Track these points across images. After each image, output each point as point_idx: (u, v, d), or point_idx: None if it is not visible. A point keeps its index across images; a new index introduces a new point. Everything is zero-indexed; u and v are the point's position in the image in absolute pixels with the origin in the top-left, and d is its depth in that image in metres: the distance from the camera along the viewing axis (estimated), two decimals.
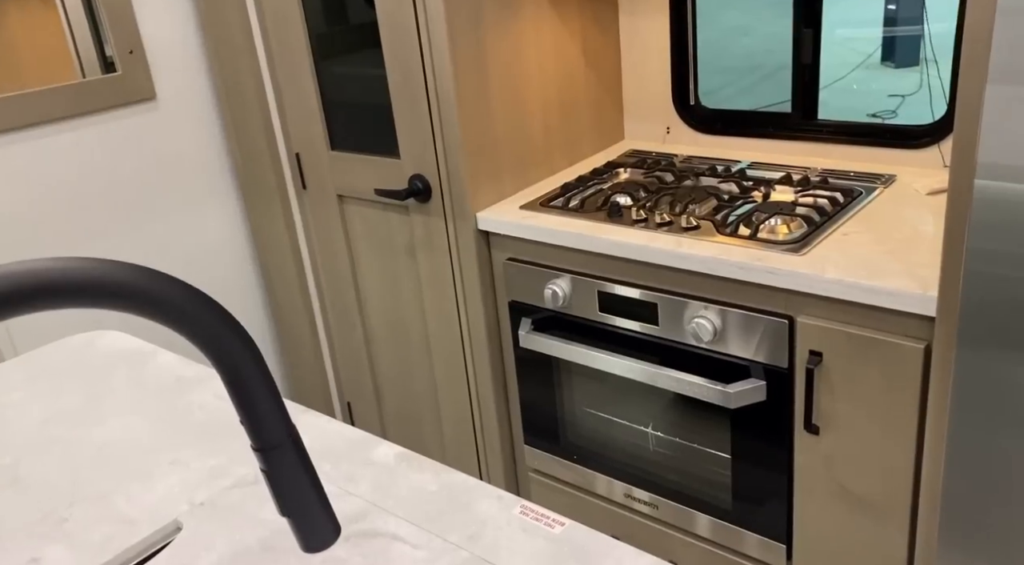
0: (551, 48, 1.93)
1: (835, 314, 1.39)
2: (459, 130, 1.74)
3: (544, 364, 1.88)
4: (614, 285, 1.66)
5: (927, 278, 1.31)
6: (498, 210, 1.83)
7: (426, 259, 1.94)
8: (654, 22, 2.06)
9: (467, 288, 1.90)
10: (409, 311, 2.08)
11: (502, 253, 1.85)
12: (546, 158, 1.98)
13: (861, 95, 5.57)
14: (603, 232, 1.65)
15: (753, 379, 1.52)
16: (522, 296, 1.83)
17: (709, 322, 1.52)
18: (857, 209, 1.61)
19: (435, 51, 1.70)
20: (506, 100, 1.84)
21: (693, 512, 1.74)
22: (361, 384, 2.31)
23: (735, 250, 1.50)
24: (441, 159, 1.80)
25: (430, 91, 1.75)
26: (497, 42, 1.79)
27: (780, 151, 1.97)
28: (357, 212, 2.06)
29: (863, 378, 1.38)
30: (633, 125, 2.20)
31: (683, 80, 2.07)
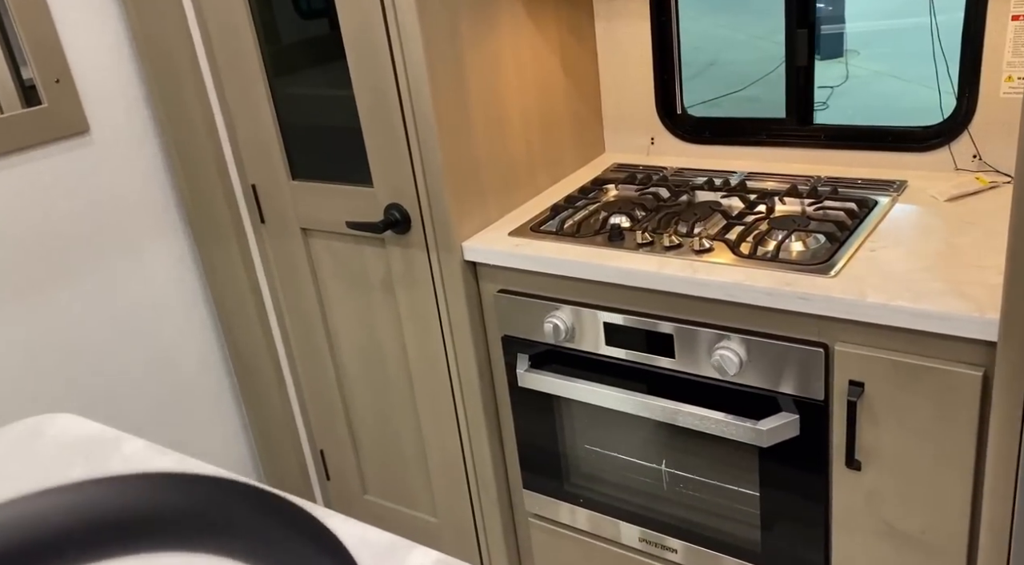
0: (529, 60, 1.78)
1: (877, 341, 1.28)
2: (440, 153, 1.58)
3: (544, 402, 1.72)
4: (622, 316, 1.52)
5: (979, 298, 1.20)
6: (486, 238, 1.67)
7: (406, 294, 1.77)
8: (633, 28, 1.93)
9: (454, 324, 1.74)
10: (387, 350, 1.90)
11: (492, 284, 1.69)
12: (529, 178, 1.84)
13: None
14: (607, 259, 1.51)
15: (785, 413, 1.40)
16: (517, 330, 1.68)
17: (734, 353, 1.39)
18: (876, 221, 1.51)
19: (410, 68, 1.53)
20: (487, 118, 1.68)
21: (718, 555, 1.61)
22: (335, 430, 2.12)
23: (759, 274, 1.37)
24: (421, 186, 1.63)
25: (406, 112, 1.58)
26: (475, 56, 1.63)
27: (775, 159, 1.86)
28: (325, 246, 1.87)
29: (911, 408, 1.27)
30: (614, 137, 2.07)
31: (667, 88, 1.94)
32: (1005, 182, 1.58)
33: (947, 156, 1.66)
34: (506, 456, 1.88)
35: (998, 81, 1.56)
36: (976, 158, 1.63)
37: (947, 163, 1.67)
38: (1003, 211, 1.47)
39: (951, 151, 1.65)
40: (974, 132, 1.62)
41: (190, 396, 2.13)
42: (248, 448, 2.29)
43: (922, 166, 1.70)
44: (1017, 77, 1.54)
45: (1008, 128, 1.58)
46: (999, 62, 1.55)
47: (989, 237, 1.38)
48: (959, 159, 1.65)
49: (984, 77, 1.57)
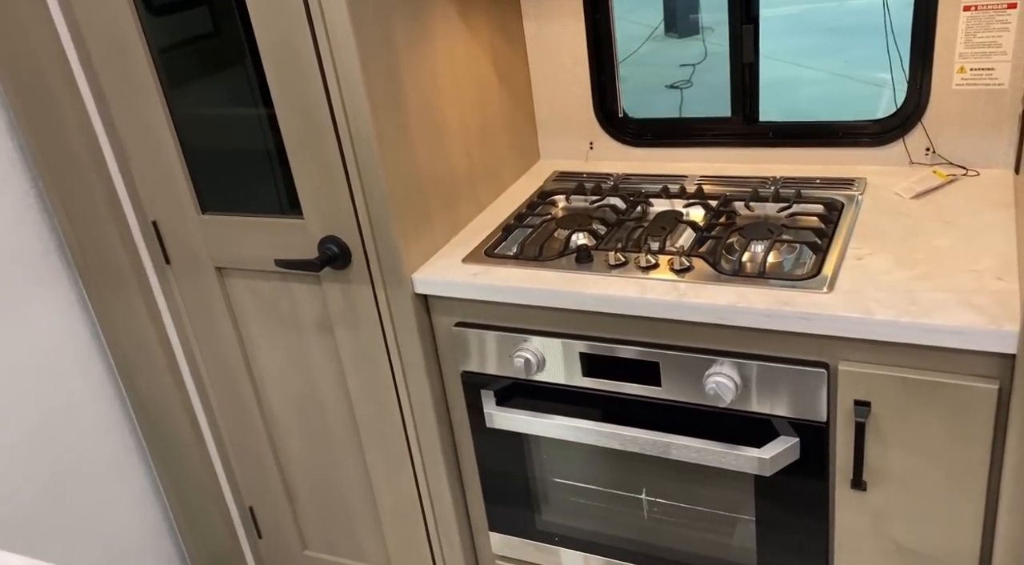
0: (464, 66, 1.62)
1: (884, 358, 1.21)
2: (383, 176, 1.40)
3: (512, 438, 1.58)
4: (601, 344, 1.39)
5: (987, 307, 1.15)
6: (438, 267, 1.51)
7: (348, 335, 1.58)
8: (565, 27, 1.80)
9: (407, 363, 1.56)
10: (326, 395, 1.71)
11: (447, 318, 1.53)
12: (471, 193, 1.68)
13: (656, 67, 5.70)
14: (582, 285, 1.38)
15: (784, 437, 1.32)
16: (477, 365, 1.53)
17: (729, 380, 1.30)
18: (849, 225, 1.45)
19: (345, 82, 1.34)
20: (427, 132, 1.51)
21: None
22: (266, 484, 1.90)
23: (752, 294, 1.28)
24: (362, 214, 1.45)
25: (341, 132, 1.39)
26: (411, 64, 1.46)
27: (722, 159, 1.79)
28: (245, 286, 1.65)
29: (921, 426, 1.21)
30: (549, 143, 1.94)
31: (606, 89, 1.83)
32: (962, 174, 1.56)
33: (901, 150, 1.63)
34: (467, 498, 1.73)
35: (950, 72, 1.54)
36: (930, 151, 1.61)
37: (901, 157, 1.63)
38: (973, 207, 1.44)
39: (906, 145, 1.62)
40: (927, 125, 1.59)
41: (88, 464, 1.86)
42: (163, 513, 2.04)
43: (875, 161, 1.66)
44: (970, 68, 1.52)
45: (961, 120, 1.56)
46: (951, 54, 1.52)
47: (969, 237, 1.35)
48: (915, 153, 1.62)
49: (936, 69, 1.54)
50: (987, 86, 1.52)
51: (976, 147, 1.57)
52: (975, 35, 1.49)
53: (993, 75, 1.51)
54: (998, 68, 1.50)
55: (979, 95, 1.53)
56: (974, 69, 1.52)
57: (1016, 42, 1.47)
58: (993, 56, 1.50)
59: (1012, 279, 1.21)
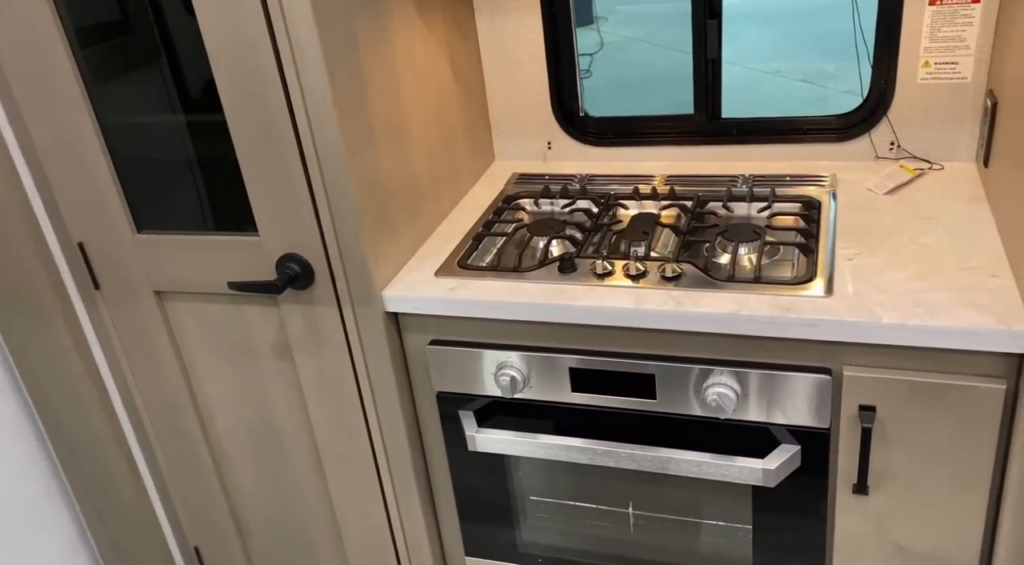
0: (423, 65, 1.51)
1: (890, 362, 1.19)
2: (352, 187, 1.28)
3: (492, 459, 1.50)
4: (592, 358, 1.32)
5: (991, 307, 1.14)
6: (410, 283, 1.40)
7: (309, 359, 1.46)
8: (520, 23, 1.71)
9: (377, 386, 1.45)
10: (284, 425, 1.57)
11: (420, 336, 1.43)
12: (434, 200, 1.58)
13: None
14: (569, 297, 1.30)
15: (785, 446, 1.29)
16: (455, 385, 1.43)
17: (730, 389, 1.25)
18: (830, 224, 1.43)
19: (308, 86, 1.22)
20: (391, 138, 1.40)
21: None
22: (214, 521, 1.75)
23: (752, 301, 1.23)
24: (328, 229, 1.32)
25: (303, 139, 1.26)
26: (375, 66, 1.34)
27: (685, 158, 1.74)
28: (189, 311, 1.50)
29: (927, 428, 1.20)
30: (505, 144, 1.85)
31: (565, 87, 1.75)
32: (927, 168, 1.57)
33: (866, 145, 1.63)
34: (441, 523, 1.63)
35: (915, 67, 1.54)
36: (894, 146, 1.61)
37: (866, 152, 1.63)
38: (946, 202, 1.44)
39: (872, 140, 1.62)
40: (892, 119, 1.59)
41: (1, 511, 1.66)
42: (91, 559, 1.85)
43: (841, 156, 1.65)
44: (934, 62, 1.52)
45: (925, 114, 1.56)
46: (916, 48, 1.52)
47: (952, 233, 1.34)
48: (880, 147, 1.62)
49: (902, 63, 1.54)
50: (950, 80, 1.53)
51: (939, 141, 1.58)
52: (939, 30, 1.50)
53: (957, 69, 1.52)
54: (961, 62, 1.51)
55: (942, 89, 1.54)
56: (938, 63, 1.52)
57: (979, 36, 1.48)
58: (957, 50, 1.50)
59: (1007, 276, 1.21)
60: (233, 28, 1.20)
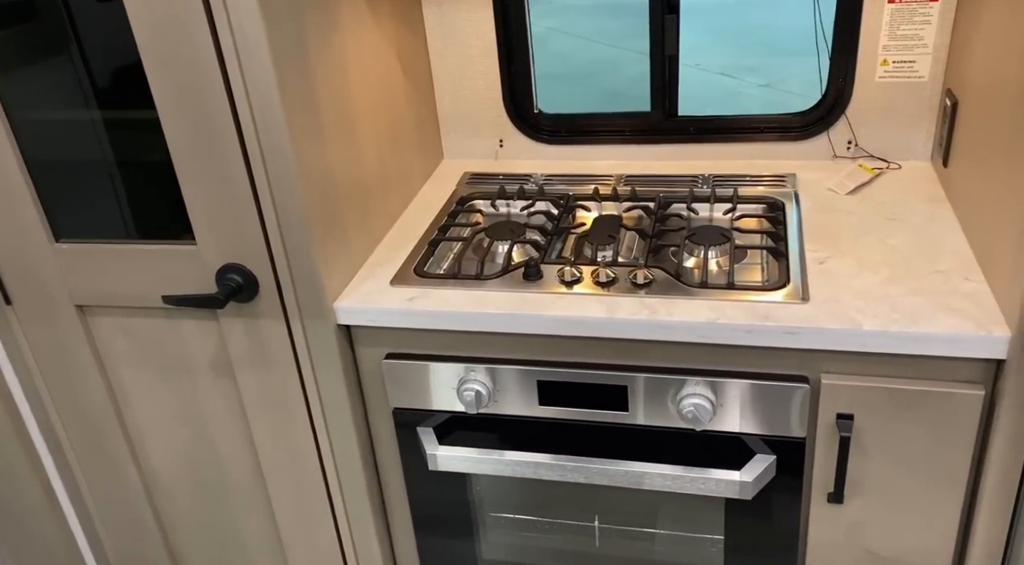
0: (371, 59, 1.41)
1: (869, 369, 1.16)
2: (300, 190, 1.18)
3: (452, 477, 1.42)
4: (560, 370, 1.26)
5: (970, 312, 1.13)
6: (364, 293, 1.30)
7: (253, 377, 1.35)
8: (470, 13, 1.63)
9: (327, 403, 1.35)
10: (224, 447, 1.46)
11: (375, 349, 1.33)
12: (384, 202, 1.48)
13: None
14: (537, 306, 1.23)
15: (761, 456, 1.25)
16: (412, 401, 1.35)
17: (706, 400, 1.21)
18: (795, 225, 1.40)
19: (252, 81, 1.11)
20: (341, 137, 1.30)
21: None
22: (146, 553, 1.61)
23: (728, 309, 1.19)
24: (274, 236, 1.22)
25: (248, 140, 1.15)
26: (324, 59, 1.24)
27: (642, 156, 1.69)
28: (116, 326, 1.36)
29: (904, 435, 1.18)
30: (454, 142, 1.76)
31: (518, 82, 1.68)
32: (887, 168, 1.56)
33: (823, 144, 1.61)
34: (395, 544, 1.54)
35: (874, 65, 1.52)
36: (852, 144, 1.59)
37: (824, 151, 1.61)
38: (908, 202, 1.43)
39: (830, 138, 1.60)
40: (850, 118, 1.57)
41: None
42: None
43: (799, 155, 1.63)
44: (892, 61, 1.51)
45: (883, 113, 1.55)
46: (875, 46, 1.51)
47: (919, 234, 1.33)
48: (838, 146, 1.60)
49: (861, 61, 1.52)
50: (908, 79, 1.52)
51: (896, 140, 1.57)
52: (898, 27, 1.48)
53: (914, 68, 1.51)
54: (919, 61, 1.50)
55: (900, 88, 1.53)
56: (896, 62, 1.51)
57: (937, 35, 1.47)
58: (915, 49, 1.49)
59: (979, 279, 1.20)
60: (166, 16, 1.08)
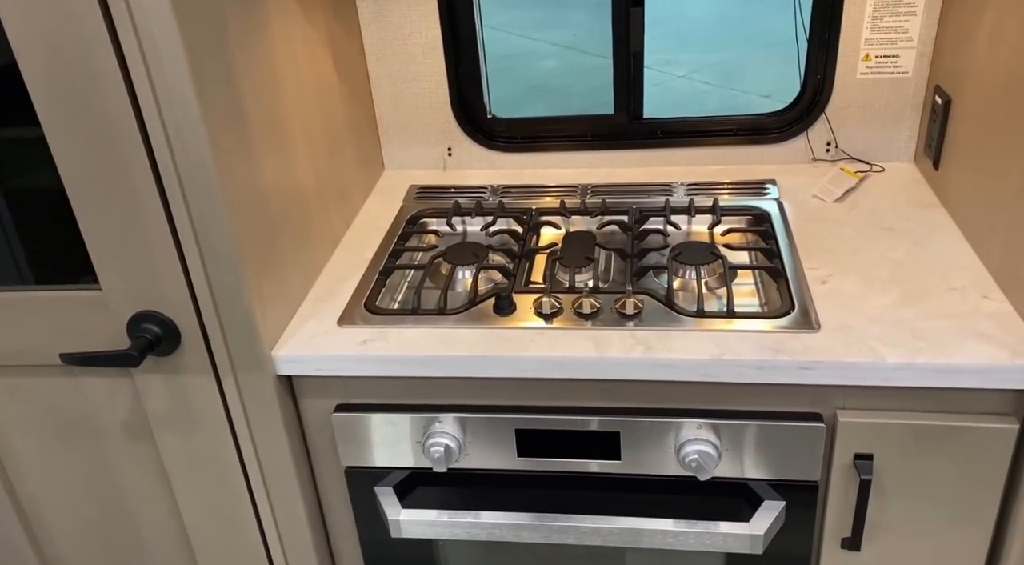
0: (304, 60, 1.21)
1: (890, 403, 1.04)
2: (228, 219, 0.98)
3: (416, 543, 1.24)
4: (542, 416, 1.09)
5: (1000, 337, 1.01)
6: (306, 337, 1.11)
7: (177, 440, 1.14)
8: (411, 8, 1.44)
9: (267, 467, 1.15)
10: (143, 519, 1.24)
11: (323, 401, 1.14)
12: (325, 225, 1.29)
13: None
14: (514, 345, 1.06)
15: (769, 503, 1.11)
16: (368, 458, 1.16)
17: (710, 445, 1.06)
18: (785, 239, 1.27)
19: (165, 91, 0.90)
20: (273, 154, 1.10)
21: None
22: None
23: (732, 341, 1.04)
24: (197, 277, 1.01)
25: (159, 160, 0.94)
26: (250, 66, 1.04)
27: (605, 163, 1.54)
28: (2, 388, 1.13)
29: (929, 474, 1.06)
30: (396, 150, 1.57)
31: (467, 86, 1.50)
32: (869, 171, 1.45)
33: (801, 146, 1.49)
34: None
35: (856, 60, 1.41)
36: (831, 146, 1.48)
37: (802, 153, 1.49)
38: (899, 209, 1.32)
39: (809, 140, 1.48)
40: (830, 117, 1.46)
41: None
42: None
43: (775, 159, 1.50)
44: (875, 56, 1.40)
45: (864, 112, 1.44)
46: (857, 40, 1.39)
47: (921, 246, 1.21)
48: (817, 149, 1.48)
49: (842, 56, 1.41)
50: (891, 75, 1.41)
51: (877, 140, 1.46)
52: (882, 19, 1.37)
53: (898, 63, 1.40)
54: (903, 55, 1.39)
55: (883, 84, 1.42)
56: (879, 56, 1.40)
57: (922, 28, 1.37)
58: (899, 42, 1.38)
59: (999, 297, 1.09)
60: (50, 10, 0.86)
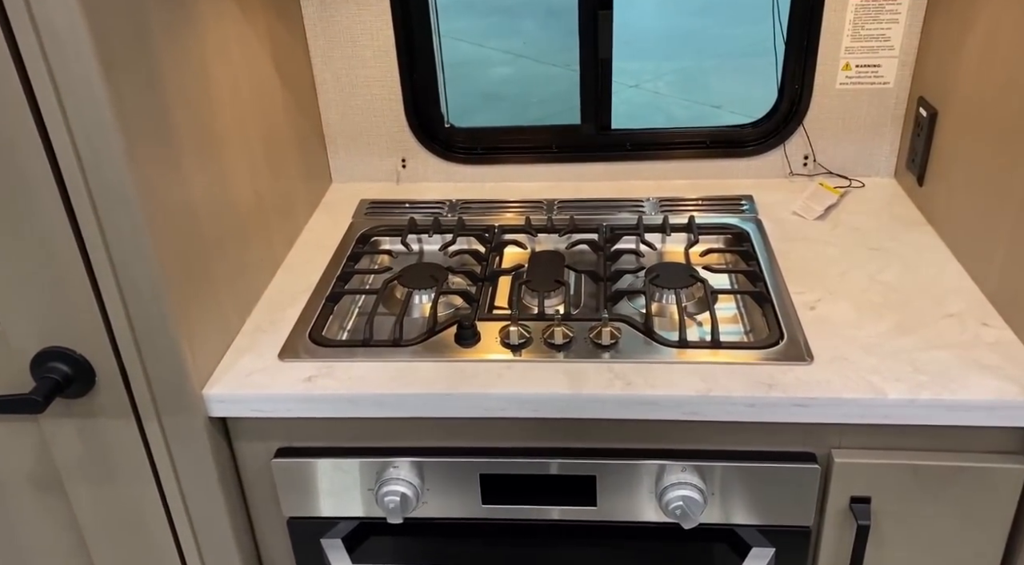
0: (241, 61, 1.09)
1: (889, 442, 0.95)
2: (149, 242, 0.85)
3: None
4: (509, 460, 0.98)
5: (1007, 369, 0.93)
6: (242, 373, 0.98)
7: (91, 493, 1.00)
8: (361, 9, 1.32)
9: (197, 520, 1.02)
10: None
11: (261, 445, 1.01)
12: (265, 245, 1.16)
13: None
14: (478, 381, 0.95)
15: (759, 550, 1.02)
16: (313, 507, 1.03)
17: (695, 490, 0.96)
18: (766, 260, 1.18)
19: (73, 103, 0.77)
20: (204, 166, 0.97)
21: None
22: None
23: (720, 374, 0.95)
24: (114, 308, 0.88)
25: (68, 180, 0.81)
26: (177, 67, 0.91)
27: (572, 177, 1.44)
28: None
29: (928, 518, 0.97)
30: (344, 162, 1.45)
31: (423, 93, 1.39)
32: (849, 186, 1.37)
33: (777, 159, 1.40)
34: None
35: (835, 70, 1.33)
36: (809, 160, 1.40)
37: (778, 168, 1.41)
38: (884, 227, 1.24)
39: (786, 153, 1.40)
40: (808, 129, 1.38)
41: None
42: None
43: (750, 173, 1.42)
44: (855, 65, 1.33)
45: (843, 124, 1.37)
46: (837, 48, 1.32)
47: (911, 268, 1.14)
48: (794, 163, 1.40)
49: (821, 65, 1.33)
50: (872, 85, 1.34)
51: (856, 154, 1.39)
52: (863, 27, 1.30)
53: (879, 73, 1.33)
54: (884, 65, 1.32)
55: (862, 95, 1.35)
56: (860, 66, 1.33)
57: (904, 36, 1.30)
58: (880, 51, 1.31)
59: (999, 324, 1.01)
60: None
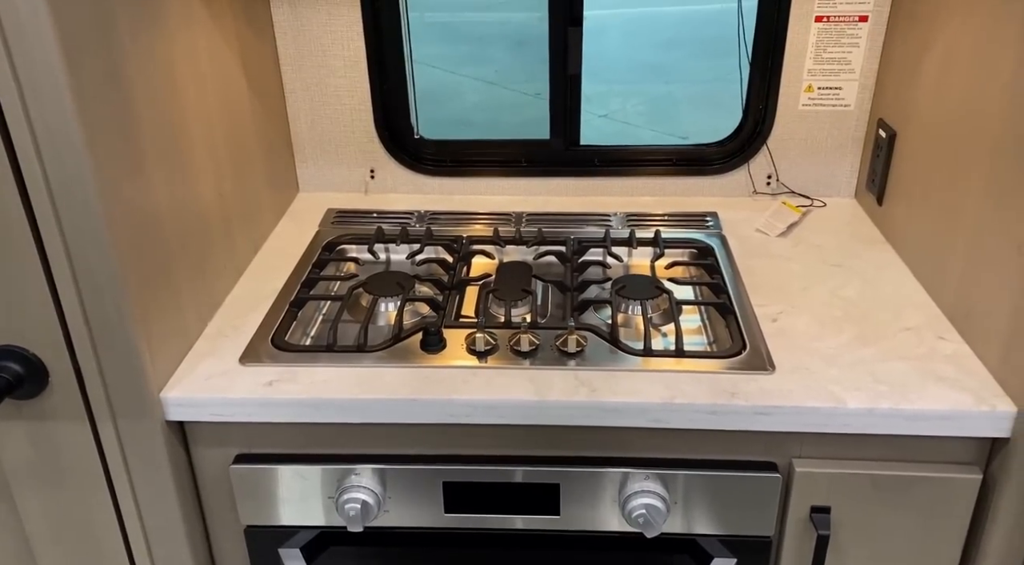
0: (209, 63, 1.08)
1: (848, 451, 0.96)
2: (110, 243, 0.83)
3: None
4: (473, 468, 0.98)
5: (963, 381, 0.95)
6: (201, 377, 0.96)
7: (41, 498, 0.97)
8: (332, 17, 1.33)
9: (151, 527, 1.00)
10: None
11: (219, 451, 0.99)
12: (228, 250, 1.14)
13: None
14: (442, 387, 0.95)
15: (720, 561, 1.02)
16: (272, 516, 1.01)
17: (659, 499, 0.96)
18: (730, 274, 1.19)
19: (33, 94, 0.76)
20: (168, 167, 0.96)
21: None
22: None
23: (684, 383, 0.95)
24: (70, 307, 0.86)
25: (26, 175, 0.80)
26: (142, 63, 0.90)
27: (541, 191, 1.45)
28: None
29: (885, 528, 0.98)
30: (312, 171, 1.44)
31: (392, 102, 1.39)
32: (811, 205, 1.40)
33: (742, 178, 1.43)
34: None
35: (798, 91, 1.36)
36: (772, 179, 1.43)
37: (741, 186, 1.43)
38: (844, 245, 1.27)
39: (750, 172, 1.42)
40: (772, 149, 1.40)
41: None
42: None
43: (714, 191, 1.44)
44: (818, 87, 1.36)
45: (805, 145, 1.39)
46: (800, 70, 1.35)
47: (871, 284, 1.16)
48: (758, 181, 1.43)
49: (784, 86, 1.36)
50: (833, 107, 1.37)
51: (818, 174, 1.42)
52: (825, 49, 1.33)
53: (840, 95, 1.36)
54: (845, 87, 1.35)
55: (824, 116, 1.38)
56: (822, 88, 1.36)
57: (865, 60, 1.33)
58: (841, 74, 1.34)
59: (955, 337, 1.03)
60: None
